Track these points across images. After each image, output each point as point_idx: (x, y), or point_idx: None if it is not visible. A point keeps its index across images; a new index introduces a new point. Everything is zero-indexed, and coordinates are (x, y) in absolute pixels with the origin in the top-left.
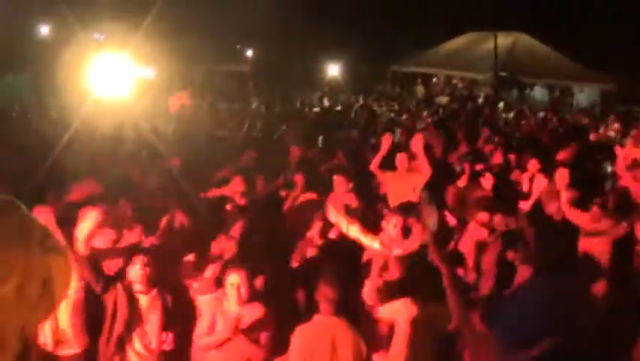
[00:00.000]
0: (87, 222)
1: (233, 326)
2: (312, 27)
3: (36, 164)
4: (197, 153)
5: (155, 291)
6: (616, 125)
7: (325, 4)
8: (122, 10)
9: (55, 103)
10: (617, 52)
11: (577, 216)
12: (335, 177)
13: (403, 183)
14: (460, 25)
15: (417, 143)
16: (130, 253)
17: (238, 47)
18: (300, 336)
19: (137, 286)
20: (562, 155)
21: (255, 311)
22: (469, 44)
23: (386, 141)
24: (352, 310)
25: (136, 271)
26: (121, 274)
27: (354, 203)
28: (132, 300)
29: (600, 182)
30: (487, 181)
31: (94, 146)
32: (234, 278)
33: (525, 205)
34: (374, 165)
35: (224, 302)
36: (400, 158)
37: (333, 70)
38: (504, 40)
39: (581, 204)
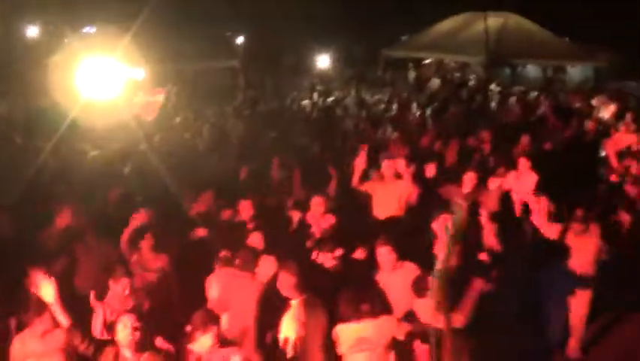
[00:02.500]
0: None
1: None
2: (302, 12)
3: None
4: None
5: (145, 356)
6: (612, 107)
7: None
8: (110, 10)
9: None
10: (610, 27)
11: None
12: None
13: (389, 193)
14: (455, 6)
15: (400, 166)
16: (120, 310)
17: (229, 34)
18: None
19: (126, 352)
20: (551, 145)
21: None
22: (459, 26)
23: (360, 159)
24: None
25: (125, 335)
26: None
27: None
28: None
29: (593, 171)
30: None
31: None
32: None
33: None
34: (355, 182)
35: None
36: (387, 165)
37: (324, 58)
38: (494, 21)
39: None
